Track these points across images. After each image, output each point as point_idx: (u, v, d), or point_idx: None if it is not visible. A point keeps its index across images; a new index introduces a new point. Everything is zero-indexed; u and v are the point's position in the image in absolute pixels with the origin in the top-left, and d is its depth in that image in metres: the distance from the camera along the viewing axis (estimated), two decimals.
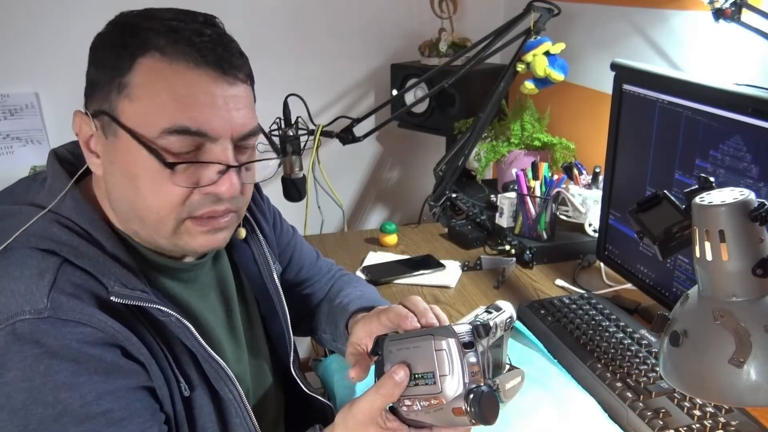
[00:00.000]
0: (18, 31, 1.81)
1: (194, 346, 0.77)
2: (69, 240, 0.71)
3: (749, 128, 0.91)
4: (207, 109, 0.70)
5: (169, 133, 0.69)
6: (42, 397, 0.65)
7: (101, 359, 0.68)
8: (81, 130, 0.74)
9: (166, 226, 0.73)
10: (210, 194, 0.73)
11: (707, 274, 0.61)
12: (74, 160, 0.82)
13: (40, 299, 0.66)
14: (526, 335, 1.17)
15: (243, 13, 1.94)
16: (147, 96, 0.69)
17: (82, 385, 0.66)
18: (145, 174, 0.70)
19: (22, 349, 0.64)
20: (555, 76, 1.60)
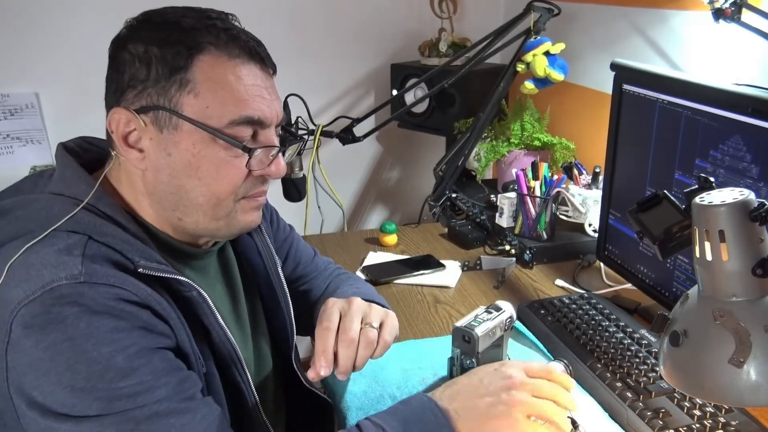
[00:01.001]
0: (18, 31, 1.81)
1: (211, 324, 0.80)
2: (91, 220, 0.74)
3: (749, 128, 0.91)
4: (260, 99, 0.78)
5: (237, 123, 0.76)
6: (85, 355, 0.66)
7: (138, 317, 0.70)
8: (119, 126, 0.76)
9: (224, 208, 0.80)
10: (260, 176, 0.81)
11: (707, 274, 0.61)
12: (82, 153, 0.84)
13: (74, 266, 0.68)
14: (526, 335, 1.17)
15: (243, 13, 1.94)
16: (211, 90, 0.75)
17: (122, 339, 0.68)
18: (209, 162, 0.76)
19: (62, 310, 0.66)
20: (555, 76, 1.60)
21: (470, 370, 0.87)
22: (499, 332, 0.99)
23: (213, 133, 0.75)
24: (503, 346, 1.02)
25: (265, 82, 0.79)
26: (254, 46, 0.79)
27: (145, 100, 0.75)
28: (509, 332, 1.02)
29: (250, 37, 0.79)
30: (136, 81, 0.75)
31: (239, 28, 0.79)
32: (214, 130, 0.75)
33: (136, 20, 0.77)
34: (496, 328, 0.98)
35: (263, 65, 0.80)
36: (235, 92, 0.76)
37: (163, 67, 0.74)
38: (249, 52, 0.78)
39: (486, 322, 0.97)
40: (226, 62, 0.75)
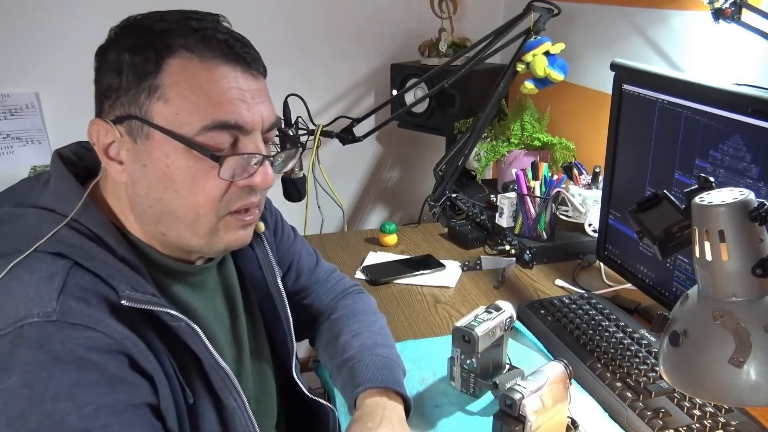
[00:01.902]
0: (18, 31, 1.81)
1: (202, 353, 0.77)
2: (79, 243, 0.71)
3: (749, 128, 0.91)
4: (239, 103, 0.72)
5: (209, 129, 0.71)
6: (40, 406, 0.63)
7: (105, 369, 0.67)
8: (99, 139, 0.74)
9: (205, 224, 0.74)
10: (246, 187, 0.75)
11: (707, 274, 0.61)
12: (78, 161, 0.81)
13: (49, 302, 0.65)
14: (526, 335, 1.17)
15: (243, 13, 1.94)
16: (181, 95, 0.70)
17: (82, 395, 0.65)
18: (184, 173, 0.72)
19: (27, 354, 0.64)
20: (555, 76, 1.60)
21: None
22: (499, 332, 0.99)
23: (183, 141, 0.70)
24: (503, 346, 1.02)
25: (248, 85, 0.73)
26: (234, 47, 0.73)
27: (119, 110, 0.72)
28: (509, 332, 1.03)
29: (231, 37, 0.73)
30: (111, 90, 0.72)
31: (220, 29, 0.73)
32: (184, 138, 0.70)
33: (117, 27, 0.74)
34: (496, 328, 0.98)
35: (245, 67, 0.73)
36: (206, 96, 0.70)
37: (133, 73, 0.71)
38: (224, 53, 0.72)
39: (486, 322, 0.97)
40: (198, 65, 0.70)
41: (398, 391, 0.90)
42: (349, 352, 0.96)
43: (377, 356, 0.95)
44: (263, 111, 0.75)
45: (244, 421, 0.82)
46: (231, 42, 0.73)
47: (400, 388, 0.91)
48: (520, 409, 0.80)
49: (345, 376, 0.94)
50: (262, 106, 0.75)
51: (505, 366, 1.03)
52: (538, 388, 0.82)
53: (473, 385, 0.98)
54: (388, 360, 0.95)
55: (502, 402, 0.82)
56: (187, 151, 0.71)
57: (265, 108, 0.75)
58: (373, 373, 0.92)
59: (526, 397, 0.80)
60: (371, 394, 0.89)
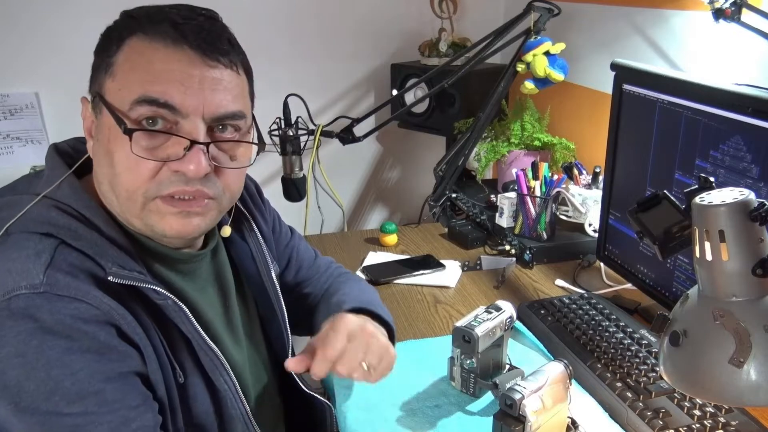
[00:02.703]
0: (18, 31, 1.81)
1: (190, 332, 0.77)
2: (67, 223, 0.72)
3: (749, 128, 0.91)
4: (178, 85, 0.71)
5: (138, 103, 0.70)
6: (34, 373, 0.65)
7: (95, 337, 0.67)
8: (85, 117, 0.78)
9: (135, 203, 0.74)
10: (178, 172, 0.73)
11: (707, 274, 0.61)
12: (74, 154, 0.83)
13: (36, 275, 0.66)
14: (526, 335, 1.17)
15: (243, 14, 1.94)
16: (125, 71, 0.72)
17: (74, 362, 0.66)
18: (119, 149, 0.72)
19: (17, 324, 0.65)
20: (555, 76, 1.60)
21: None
22: (499, 332, 0.99)
23: (113, 113, 0.71)
24: (503, 346, 1.02)
25: (199, 71, 0.72)
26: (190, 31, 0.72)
27: (92, 88, 0.76)
28: (509, 332, 1.03)
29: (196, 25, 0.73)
30: (93, 70, 0.76)
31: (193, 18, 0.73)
32: (117, 111, 0.71)
33: None
34: (496, 328, 0.98)
35: (200, 53, 0.72)
36: (144, 72, 0.71)
37: (100, 54, 0.74)
38: (177, 37, 0.71)
39: (486, 322, 0.97)
40: (147, 45, 0.71)
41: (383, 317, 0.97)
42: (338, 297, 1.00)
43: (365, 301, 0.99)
44: (209, 98, 0.72)
45: (236, 404, 0.83)
46: (189, 26, 0.72)
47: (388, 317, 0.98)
48: (520, 409, 0.80)
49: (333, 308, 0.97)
50: (211, 93, 0.72)
51: (505, 366, 1.03)
52: (538, 388, 0.82)
53: (473, 385, 0.98)
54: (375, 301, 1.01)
55: (502, 402, 0.82)
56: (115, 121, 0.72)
57: (215, 96, 0.73)
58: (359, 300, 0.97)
59: (526, 397, 0.80)
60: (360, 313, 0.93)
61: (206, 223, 0.78)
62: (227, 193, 0.79)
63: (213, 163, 0.74)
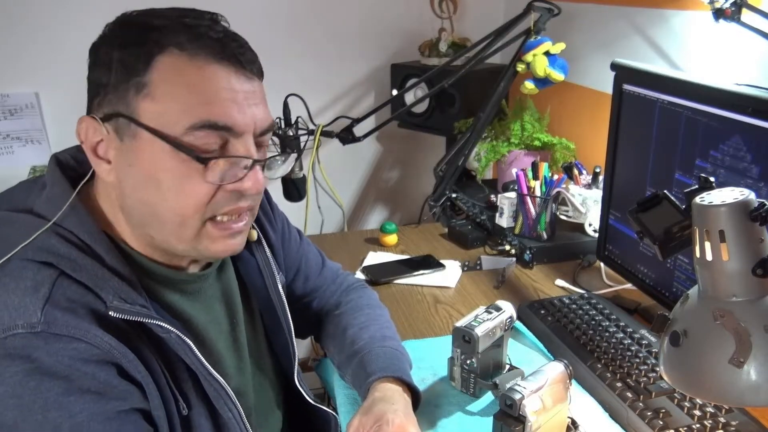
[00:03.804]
0: (18, 31, 1.81)
1: (194, 364, 0.76)
2: (67, 252, 0.69)
3: (749, 128, 0.91)
4: (230, 104, 0.69)
5: (196, 129, 0.68)
6: (31, 416, 0.63)
7: (94, 378, 0.66)
8: (87, 136, 0.72)
9: (189, 229, 0.72)
10: (234, 191, 0.72)
11: (707, 274, 0.61)
12: (77, 165, 0.80)
13: (33, 313, 0.64)
14: (526, 335, 1.17)
15: (243, 13, 1.94)
16: (169, 93, 0.68)
17: (72, 404, 0.64)
18: (170, 174, 0.69)
19: (13, 364, 0.63)
20: (555, 76, 1.60)
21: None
22: (499, 332, 0.99)
23: (169, 141, 0.67)
24: (503, 346, 1.02)
25: (241, 86, 0.70)
26: (228, 45, 0.70)
27: (107, 107, 0.70)
28: (509, 332, 1.03)
29: (226, 36, 0.71)
30: (100, 87, 0.70)
31: (216, 27, 0.71)
32: (170, 138, 0.68)
33: (111, 23, 0.72)
34: (496, 328, 0.98)
35: (240, 67, 0.71)
36: (195, 95, 0.68)
37: (122, 70, 0.68)
38: (216, 52, 0.69)
39: (486, 322, 0.97)
40: (187, 62, 0.68)
41: (408, 382, 0.91)
42: (359, 343, 0.96)
43: (387, 347, 0.95)
44: (256, 114, 0.72)
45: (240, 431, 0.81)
46: (225, 41, 0.70)
47: (410, 379, 0.92)
48: (520, 410, 0.80)
49: (355, 367, 0.94)
50: (256, 108, 0.72)
51: (506, 366, 1.03)
52: (538, 388, 0.82)
53: (473, 385, 0.98)
54: (397, 352, 0.96)
55: (502, 402, 0.82)
56: (173, 151, 0.68)
57: (258, 111, 0.73)
58: (384, 362, 0.92)
59: (526, 398, 0.80)
60: (386, 381, 0.90)
61: (244, 239, 0.79)
62: (258, 204, 0.80)
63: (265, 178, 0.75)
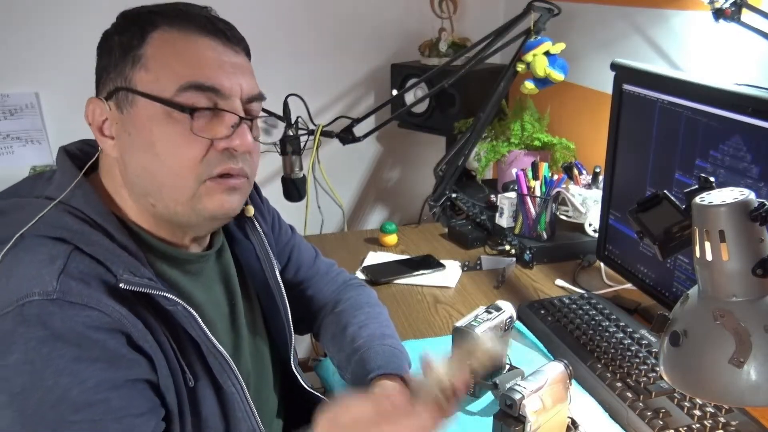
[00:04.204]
0: (18, 31, 1.81)
1: (199, 337, 0.78)
2: (80, 229, 0.73)
3: (749, 128, 0.91)
4: (217, 69, 0.76)
5: (185, 89, 0.74)
6: (42, 382, 0.65)
7: (104, 346, 0.68)
8: (94, 117, 0.78)
9: (186, 189, 0.76)
10: (225, 151, 0.77)
11: (707, 274, 0.61)
12: (83, 156, 0.83)
13: (49, 282, 0.67)
14: (526, 335, 1.17)
15: (243, 13, 1.94)
16: (161, 62, 0.74)
17: (82, 371, 0.67)
18: (164, 135, 0.74)
19: (28, 330, 0.65)
20: (555, 76, 1.60)
21: None
22: (499, 332, 0.99)
23: (162, 101, 0.74)
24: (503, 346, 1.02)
25: (228, 57, 0.77)
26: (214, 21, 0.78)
27: (109, 85, 0.76)
28: (509, 332, 1.03)
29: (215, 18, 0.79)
30: (103, 71, 0.77)
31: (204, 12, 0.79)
32: (163, 99, 0.74)
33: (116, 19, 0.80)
34: (496, 328, 0.98)
35: (226, 41, 0.78)
36: (184, 61, 0.75)
37: (120, 50, 0.76)
38: (203, 25, 0.76)
39: (486, 322, 0.97)
40: (177, 35, 0.75)
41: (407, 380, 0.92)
42: (359, 341, 0.97)
43: (386, 346, 0.96)
44: (242, 81, 0.78)
45: (243, 406, 0.84)
46: (214, 20, 0.78)
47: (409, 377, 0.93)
48: (520, 409, 0.80)
49: (355, 365, 0.95)
50: (242, 77, 0.78)
51: (505, 366, 1.03)
52: (538, 388, 0.82)
53: (473, 385, 0.98)
54: (396, 350, 0.97)
55: (502, 402, 0.82)
56: (166, 114, 0.74)
57: (244, 79, 0.78)
58: (383, 360, 0.93)
59: (526, 398, 0.80)
60: (385, 379, 0.90)
61: (241, 202, 0.82)
62: (253, 173, 0.84)
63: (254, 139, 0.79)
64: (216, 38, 0.77)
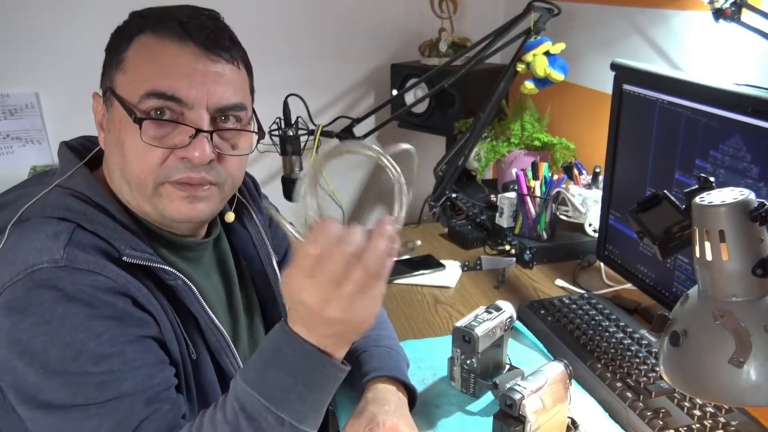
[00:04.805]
0: (18, 31, 1.81)
1: (198, 312, 0.81)
2: (82, 209, 0.76)
3: (749, 128, 0.91)
4: (184, 79, 0.76)
5: (147, 96, 0.75)
6: (60, 339, 0.68)
7: (114, 306, 0.72)
8: (96, 111, 0.83)
9: (146, 189, 0.78)
10: (184, 159, 0.77)
11: (707, 274, 0.61)
12: (83, 150, 0.86)
13: (57, 251, 0.70)
14: (526, 335, 1.17)
15: (244, 14, 1.94)
16: (135, 67, 0.77)
17: (97, 326, 0.70)
18: (128, 138, 0.76)
19: (41, 293, 0.68)
20: (555, 76, 1.60)
21: None
22: (499, 332, 0.99)
23: (125, 106, 0.76)
24: (503, 346, 1.02)
25: (203, 65, 0.77)
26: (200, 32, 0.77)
27: (103, 84, 0.81)
28: (509, 332, 1.03)
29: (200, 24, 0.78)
30: (104, 68, 0.81)
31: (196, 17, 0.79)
32: (127, 103, 0.76)
33: None
34: (496, 328, 0.98)
35: (204, 50, 0.77)
36: (153, 68, 0.76)
37: (111, 52, 0.79)
38: (181, 33, 0.77)
39: (486, 322, 0.97)
40: (154, 41, 0.77)
41: (404, 381, 0.92)
42: (354, 345, 0.96)
43: (382, 347, 0.97)
44: (212, 90, 0.77)
45: None
46: (199, 27, 0.77)
47: (406, 378, 0.93)
48: (520, 409, 0.80)
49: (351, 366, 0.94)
50: (214, 86, 0.77)
51: (505, 366, 1.03)
52: (538, 388, 0.82)
53: (473, 385, 0.98)
54: (393, 351, 0.97)
55: (502, 402, 0.82)
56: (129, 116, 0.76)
57: (216, 89, 0.77)
58: (379, 362, 0.93)
59: (526, 397, 0.80)
60: (380, 381, 0.91)
61: (210, 209, 0.82)
62: (229, 180, 0.83)
63: (216, 151, 0.79)
64: (196, 45, 0.77)
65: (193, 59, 0.77)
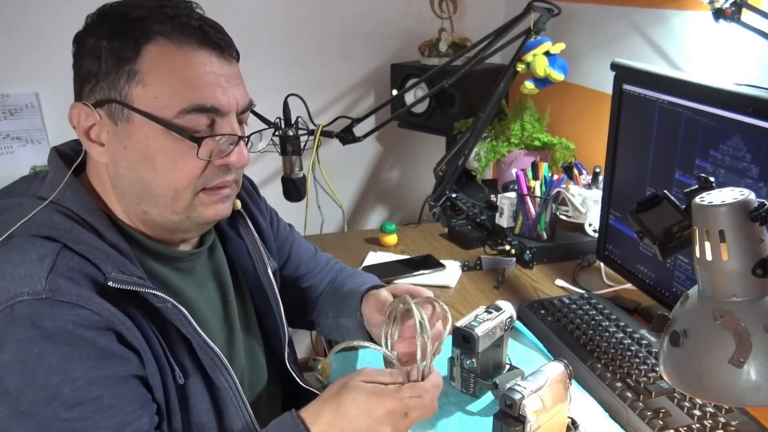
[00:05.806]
0: (18, 31, 1.81)
1: (190, 333, 0.79)
2: (68, 227, 0.74)
3: (749, 128, 0.91)
4: (215, 87, 0.76)
5: (187, 112, 0.74)
6: (34, 380, 0.66)
7: (94, 344, 0.69)
8: (79, 121, 0.77)
9: (182, 201, 0.78)
10: (222, 166, 0.79)
11: (707, 274, 0.61)
12: (74, 156, 0.83)
13: (38, 281, 0.68)
14: (526, 335, 1.17)
15: (243, 13, 1.94)
16: (159, 80, 0.74)
17: (73, 369, 0.68)
18: (163, 153, 0.75)
19: (18, 330, 0.66)
20: (555, 76, 1.60)
21: (346, 394, 0.79)
22: (499, 332, 0.99)
23: (162, 123, 0.73)
24: (503, 346, 1.02)
25: (222, 69, 0.77)
26: (208, 33, 0.76)
27: (99, 94, 0.75)
28: (509, 332, 1.03)
29: (205, 24, 0.76)
30: (90, 75, 0.75)
31: (194, 15, 0.77)
32: (163, 120, 0.73)
33: (93, 14, 0.77)
34: (496, 328, 0.98)
35: (219, 51, 0.77)
36: (184, 80, 0.74)
37: (112, 59, 0.74)
38: (200, 39, 0.75)
39: (486, 322, 0.97)
40: (175, 50, 0.74)
41: None
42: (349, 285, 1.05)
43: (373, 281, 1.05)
44: (237, 94, 0.78)
45: (236, 401, 0.84)
46: (205, 28, 0.76)
47: None
48: (520, 409, 0.80)
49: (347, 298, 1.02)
50: (236, 89, 0.78)
51: (505, 366, 1.03)
52: (538, 388, 0.82)
53: (473, 385, 0.98)
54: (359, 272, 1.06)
55: (502, 402, 0.82)
56: (166, 132, 0.74)
57: (239, 91, 0.79)
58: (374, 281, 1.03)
59: (526, 397, 0.80)
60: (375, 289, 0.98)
61: (232, 205, 0.85)
62: (241, 176, 0.86)
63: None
64: (211, 50, 0.76)
65: (216, 64, 0.76)
